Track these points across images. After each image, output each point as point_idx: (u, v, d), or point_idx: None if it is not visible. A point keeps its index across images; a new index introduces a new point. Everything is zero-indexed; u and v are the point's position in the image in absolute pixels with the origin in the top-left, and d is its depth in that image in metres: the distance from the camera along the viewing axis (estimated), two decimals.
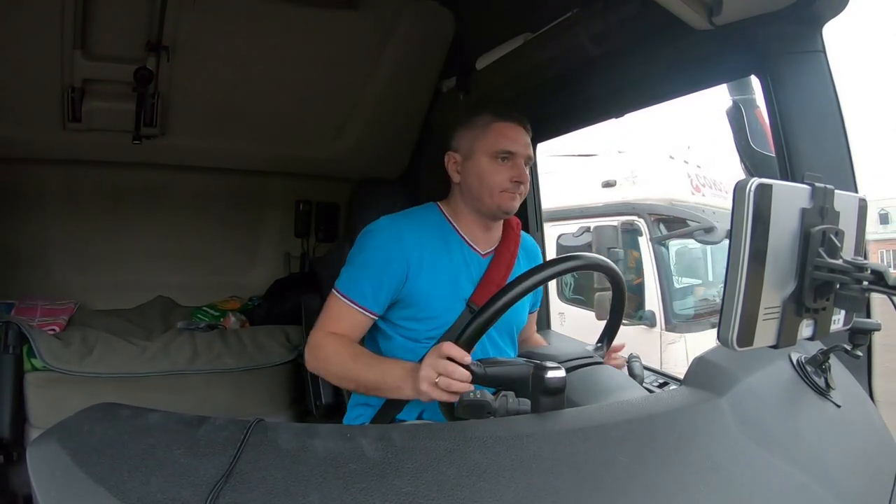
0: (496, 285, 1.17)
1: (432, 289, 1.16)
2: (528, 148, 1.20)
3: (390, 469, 0.59)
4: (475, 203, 1.20)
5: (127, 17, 1.72)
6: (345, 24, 1.84)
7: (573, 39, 1.42)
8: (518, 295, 0.94)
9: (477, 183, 1.18)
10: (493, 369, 0.90)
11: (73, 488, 0.54)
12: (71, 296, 2.25)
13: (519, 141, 1.18)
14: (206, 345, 1.98)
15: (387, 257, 1.14)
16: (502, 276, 1.21)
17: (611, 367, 1.05)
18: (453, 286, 1.18)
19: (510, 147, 1.16)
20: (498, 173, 1.16)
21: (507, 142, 1.17)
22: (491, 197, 1.17)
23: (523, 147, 1.18)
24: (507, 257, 1.25)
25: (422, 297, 1.16)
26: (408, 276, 1.15)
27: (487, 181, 1.17)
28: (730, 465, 0.71)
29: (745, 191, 0.62)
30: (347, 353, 1.09)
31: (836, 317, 0.75)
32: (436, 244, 1.19)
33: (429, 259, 1.16)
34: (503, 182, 1.16)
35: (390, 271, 1.14)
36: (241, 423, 0.62)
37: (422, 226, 1.20)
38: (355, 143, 2.27)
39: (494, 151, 1.16)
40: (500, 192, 1.17)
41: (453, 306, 1.17)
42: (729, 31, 1.12)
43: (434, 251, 1.18)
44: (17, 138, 2.01)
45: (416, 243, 1.16)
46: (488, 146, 1.17)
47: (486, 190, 1.17)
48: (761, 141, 1.25)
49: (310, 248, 2.66)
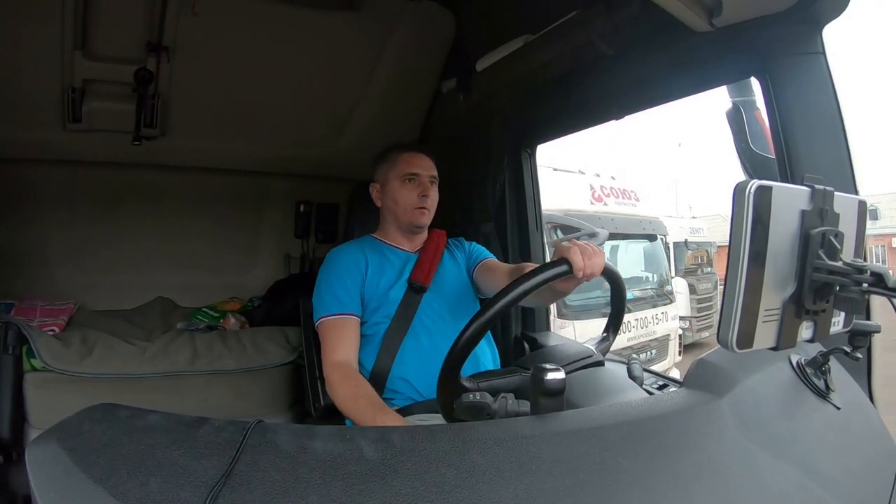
0: (429, 262, 1.46)
1: (380, 278, 1.42)
2: (431, 169, 1.48)
3: (389, 470, 0.59)
4: (395, 221, 1.49)
5: (127, 18, 1.73)
6: (345, 25, 1.84)
7: (574, 41, 1.43)
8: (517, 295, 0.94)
9: (392, 203, 1.47)
10: (486, 384, 0.90)
11: (72, 489, 0.54)
12: (71, 296, 2.25)
13: (421, 164, 1.46)
14: (206, 346, 1.98)
15: (344, 269, 1.41)
16: (431, 258, 1.47)
17: (611, 368, 1.06)
18: (394, 271, 1.45)
19: (414, 170, 1.45)
20: (408, 192, 1.45)
21: (412, 166, 1.45)
22: (405, 213, 1.45)
23: (426, 169, 1.47)
24: (433, 245, 1.50)
25: (375, 287, 1.41)
26: (363, 275, 1.41)
27: (400, 200, 1.45)
28: (730, 467, 0.71)
29: (745, 192, 0.62)
30: (350, 394, 1.24)
31: (836, 319, 0.75)
32: (373, 253, 1.47)
33: (372, 261, 1.44)
34: (413, 199, 1.44)
35: (351, 277, 1.40)
36: (240, 425, 0.62)
37: (361, 247, 1.47)
38: (355, 143, 2.27)
39: (403, 175, 1.45)
40: (412, 209, 1.44)
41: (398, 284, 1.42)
42: (729, 32, 1.12)
43: (373, 257, 1.45)
44: (17, 138, 2.02)
45: (359, 255, 1.44)
46: (397, 172, 1.46)
47: (400, 207, 1.45)
48: (761, 143, 1.25)
49: (310, 249, 2.66)
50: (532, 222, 1.95)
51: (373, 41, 1.91)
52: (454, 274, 1.50)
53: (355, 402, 1.21)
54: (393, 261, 1.47)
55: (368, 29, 1.86)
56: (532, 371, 0.77)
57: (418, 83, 2.08)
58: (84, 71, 1.83)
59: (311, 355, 1.61)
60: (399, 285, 1.42)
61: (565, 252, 1.00)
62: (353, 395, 1.23)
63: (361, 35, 1.88)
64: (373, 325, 1.39)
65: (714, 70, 1.27)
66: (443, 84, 2.08)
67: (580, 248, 1.01)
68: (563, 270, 0.98)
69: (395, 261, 1.47)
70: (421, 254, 1.49)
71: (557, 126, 1.84)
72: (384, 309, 1.40)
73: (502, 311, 0.93)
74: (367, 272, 1.42)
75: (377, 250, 1.48)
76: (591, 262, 1.01)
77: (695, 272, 8.79)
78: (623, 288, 1.14)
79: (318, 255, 2.61)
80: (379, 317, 1.40)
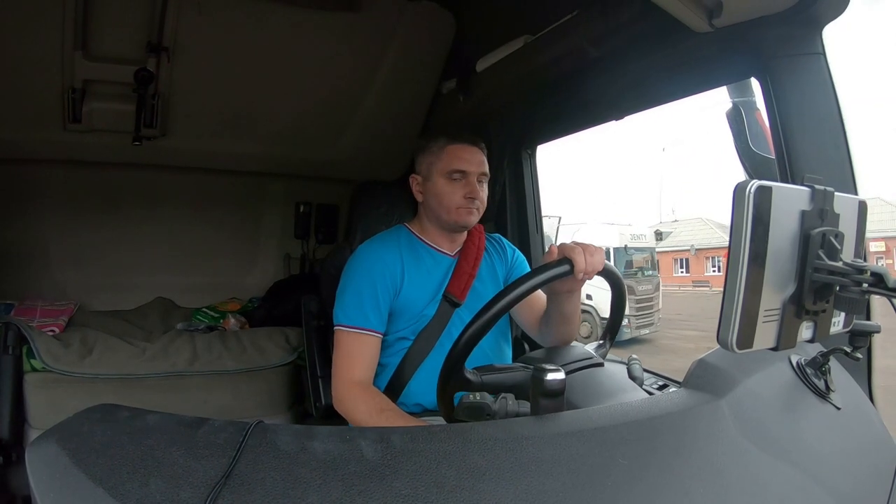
0: (467, 274, 1.30)
1: (416, 292, 1.28)
2: (482, 165, 1.29)
3: (389, 471, 0.59)
4: (437, 219, 1.31)
5: (127, 19, 1.73)
6: (345, 26, 1.84)
7: (573, 42, 1.43)
8: (516, 297, 0.94)
9: (436, 201, 1.29)
10: (490, 377, 0.90)
11: (72, 489, 0.54)
12: (70, 296, 2.26)
13: (471, 160, 1.28)
14: (206, 346, 1.98)
15: (376, 277, 1.25)
16: (471, 265, 1.32)
17: (610, 369, 1.05)
18: (432, 284, 1.30)
19: (462, 166, 1.27)
20: (453, 191, 1.27)
21: (460, 162, 1.27)
22: (448, 213, 1.28)
23: (476, 165, 1.28)
24: (473, 251, 1.35)
25: (410, 303, 1.27)
26: (397, 289, 1.26)
27: (444, 199, 1.28)
28: (730, 468, 0.71)
29: (745, 193, 0.62)
30: (373, 408, 1.14)
31: (836, 319, 0.75)
32: (410, 256, 1.31)
33: (409, 269, 1.28)
34: (458, 199, 1.27)
35: (382, 287, 1.25)
36: (240, 425, 0.62)
37: (396, 244, 1.31)
38: (355, 144, 2.27)
39: (448, 171, 1.27)
40: (456, 209, 1.27)
41: (433, 300, 1.29)
42: (729, 33, 1.12)
43: (410, 262, 1.30)
44: (17, 139, 2.02)
45: (395, 258, 1.28)
46: (443, 167, 1.28)
47: (443, 207, 1.28)
48: (761, 143, 1.25)
49: (310, 250, 2.66)
50: (532, 223, 1.95)
51: (373, 42, 1.91)
52: (490, 287, 1.34)
53: (380, 414, 1.12)
54: (432, 269, 1.31)
55: (369, 29, 1.87)
56: (532, 372, 0.77)
57: (418, 83, 2.08)
58: (84, 71, 1.83)
59: (311, 356, 1.61)
60: (435, 301, 1.28)
61: (567, 251, 1.00)
62: (377, 408, 1.14)
63: (362, 36, 1.88)
64: (396, 340, 1.28)
65: (714, 70, 1.27)
66: (443, 84, 2.08)
67: (582, 247, 1.00)
68: (565, 270, 0.98)
69: (433, 269, 1.31)
70: (460, 259, 1.33)
71: (557, 126, 1.84)
72: (414, 325, 1.28)
73: (504, 310, 0.93)
74: (403, 283, 1.27)
75: (414, 251, 1.32)
76: (592, 260, 1.00)
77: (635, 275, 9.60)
78: (623, 290, 1.12)
79: (318, 256, 2.62)
80: (407, 332, 1.28)
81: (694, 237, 22.68)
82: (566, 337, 1.21)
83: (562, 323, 1.19)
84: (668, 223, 25.61)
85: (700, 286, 20.43)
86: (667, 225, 25.27)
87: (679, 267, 22.63)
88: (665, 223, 25.84)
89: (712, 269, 21.31)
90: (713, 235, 21.69)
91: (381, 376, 1.29)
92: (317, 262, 2.57)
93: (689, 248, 22.28)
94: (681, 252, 22.57)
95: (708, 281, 20.65)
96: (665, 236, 24.62)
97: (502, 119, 1.90)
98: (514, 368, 0.92)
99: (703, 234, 22.52)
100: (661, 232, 25.02)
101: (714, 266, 21.40)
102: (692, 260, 22.29)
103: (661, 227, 25.28)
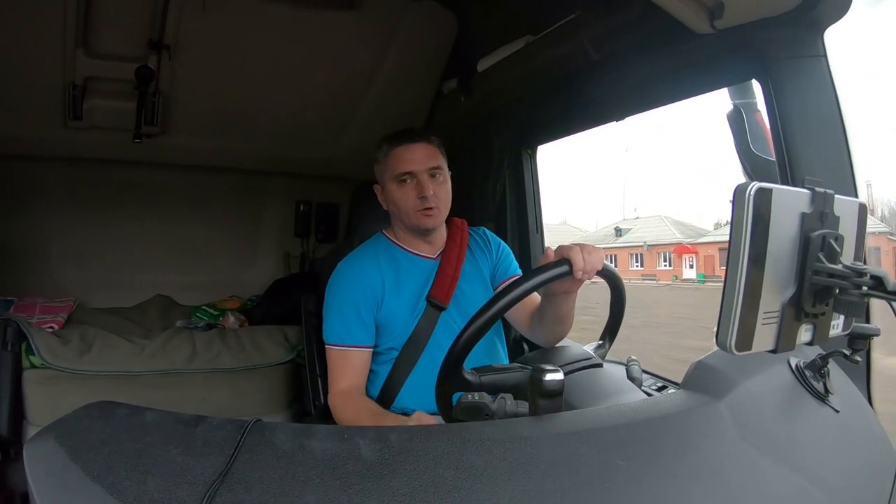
0: (450, 277, 1.29)
1: (399, 301, 1.27)
2: (428, 160, 1.25)
3: (387, 470, 0.59)
4: (404, 226, 1.30)
5: (129, 16, 1.73)
6: (346, 25, 1.84)
7: (575, 42, 1.42)
8: (515, 298, 0.94)
9: (395, 209, 1.29)
10: (488, 377, 0.90)
11: (70, 486, 0.54)
12: (70, 293, 2.25)
13: (413, 159, 1.25)
14: (205, 344, 1.98)
15: (357, 293, 1.25)
16: (454, 267, 1.30)
17: (609, 370, 1.05)
18: (414, 291, 1.29)
19: (406, 168, 1.24)
20: (406, 196, 1.25)
21: (403, 163, 1.25)
22: (409, 218, 1.27)
23: (420, 163, 1.24)
24: (455, 251, 1.33)
25: (393, 313, 1.27)
26: (380, 302, 1.26)
27: (401, 205, 1.26)
28: (728, 470, 0.71)
29: (745, 194, 0.61)
30: (352, 416, 1.17)
31: (835, 322, 0.75)
32: (389, 266, 1.30)
33: (389, 280, 1.28)
34: (413, 202, 1.24)
35: (363, 303, 1.25)
36: (238, 423, 0.62)
37: (374, 256, 1.30)
38: (356, 143, 2.27)
39: (395, 176, 1.25)
40: (414, 213, 1.25)
41: (418, 307, 1.28)
42: (730, 35, 1.12)
43: (389, 272, 1.29)
44: (18, 135, 2.02)
45: (374, 272, 1.27)
46: (390, 173, 1.26)
47: (403, 213, 1.27)
48: (762, 145, 1.25)
49: (309, 249, 2.66)
50: (532, 223, 1.95)
51: (374, 41, 1.91)
52: (477, 287, 1.33)
53: (357, 421, 1.14)
54: (413, 275, 1.30)
55: (370, 29, 1.86)
56: (531, 372, 0.77)
57: (419, 83, 2.08)
58: (85, 68, 1.83)
59: (310, 354, 1.61)
60: (419, 307, 1.27)
61: (566, 251, 0.99)
62: (355, 416, 1.16)
63: (363, 35, 1.88)
64: (386, 350, 1.28)
65: (715, 72, 1.26)
66: (444, 84, 2.08)
67: (580, 247, 1.00)
68: (564, 270, 0.98)
69: (415, 274, 1.30)
70: (442, 261, 1.31)
71: (558, 127, 1.84)
72: (399, 334, 1.27)
73: (503, 310, 0.93)
74: (385, 295, 1.26)
75: (393, 260, 1.31)
76: (591, 259, 1.00)
77: None
78: (623, 290, 1.12)
79: (318, 255, 2.61)
80: (395, 341, 1.28)
81: (650, 234, 24.09)
82: (559, 336, 1.22)
83: (556, 323, 1.20)
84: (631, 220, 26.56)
85: (647, 279, 21.85)
86: (629, 222, 26.23)
87: (634, 261, 23.94)
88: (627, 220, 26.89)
89: (663, 264, 22.85)
90: (667, 232, 23.35)
91: (373, 384, 1.29)
92: (317, 260, 2.56)
93: (643, 244, 23.65)
94: (636, 248, 24.05)
95: (654, 274, 22.25)
96: (624, 233, 25.54)
97: (503, 119, 1.90)
98: (513, 369, 0.92)
99: (659, 230, 24.01)
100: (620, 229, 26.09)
101: (665, 261, 22.94)
102: (646, 255, 23.68)
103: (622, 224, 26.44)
